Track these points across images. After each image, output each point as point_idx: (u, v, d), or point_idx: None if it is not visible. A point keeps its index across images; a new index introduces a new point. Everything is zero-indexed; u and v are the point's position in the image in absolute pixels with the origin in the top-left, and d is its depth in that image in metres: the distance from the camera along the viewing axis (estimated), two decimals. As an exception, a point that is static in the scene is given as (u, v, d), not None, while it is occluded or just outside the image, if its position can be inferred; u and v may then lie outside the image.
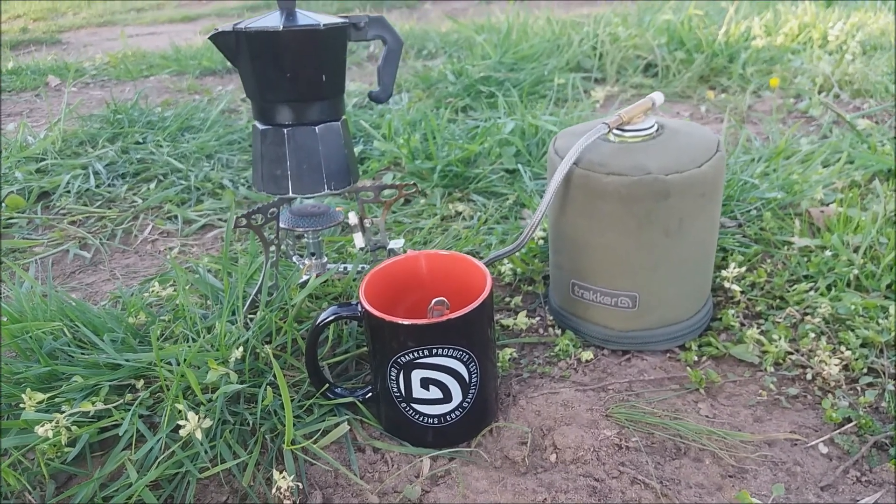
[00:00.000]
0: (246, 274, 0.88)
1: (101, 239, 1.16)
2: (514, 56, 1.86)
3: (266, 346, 0.76)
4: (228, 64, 2.64)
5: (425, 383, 0.67)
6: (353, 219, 0.88)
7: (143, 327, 0.84)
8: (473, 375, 0.68)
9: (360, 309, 0.68)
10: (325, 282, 0.89)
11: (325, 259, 0.93)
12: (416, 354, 0.65)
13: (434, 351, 0.65)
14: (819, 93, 1.61)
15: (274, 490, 0.64)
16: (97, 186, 1.30)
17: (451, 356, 0.65)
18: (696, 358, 0.81)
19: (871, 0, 2.66)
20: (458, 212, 1.18)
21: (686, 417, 0.72)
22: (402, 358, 0.65)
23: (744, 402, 0.75)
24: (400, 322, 0.64)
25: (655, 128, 0.80)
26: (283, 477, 0.64)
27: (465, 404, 0.69)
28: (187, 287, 0.88)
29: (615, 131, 0.79)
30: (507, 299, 0.94)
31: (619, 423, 0.72)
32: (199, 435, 0.65)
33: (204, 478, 0.67)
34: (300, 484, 0.65)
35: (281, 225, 0.88)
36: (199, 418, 0.66)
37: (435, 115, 1.48)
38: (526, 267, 0.96)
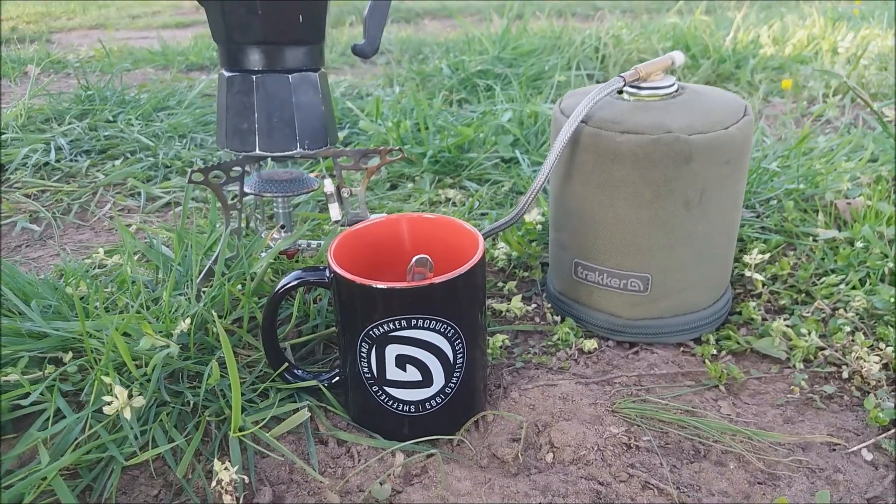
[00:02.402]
0: (204, 244, 0.77)
1: (54, 213, 1.05)
2: (513, 52, 1.77)
3: (219, 319, 0.66)
4: (215, 56, 2.56)
5: (401, 362, 0.56)
6: (329, 187, 0.78)
7: (84, 299, 0.73)
8: (459, 355, 0.57)
9: (328, 274, 0.57)
10: (294, 258, 0.78)
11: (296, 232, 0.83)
12: (391, 326, 0.54)
13: (413, 322, 0.54)
14: (834, 95, 1.53)
15: (214, 483, 0.53)
16: (57, 161, 1.20)
17: (433, 329, 0.55)
18: (714, 351, 0.71)
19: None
20: (448, 198, 1.08)
21: (705, 416, 0.62)
22: (375, 330, 0.55)
23: (771, 401, 0.65)
24: (373, 285, 0.53)
25: (675, 87, 0.70)
26: (226, 468, 0.53)
27: (447, 389, 0.58)
28: (135, 255, 0.77)
29: (630, 89, 0.70)
30: (500, 285, 0.84)
31: (628, 419, 0.62)
32: (127, 414, 0.54)
33: (132, 466, 0.56)
34: (246, 478, 0.54)
35: (247, 190, 0.77)
36: (130, 395, 0.55)
37: (429, 103, 1.38)
38: (522, 250, 0.85)
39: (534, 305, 0.80)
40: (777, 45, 2.06)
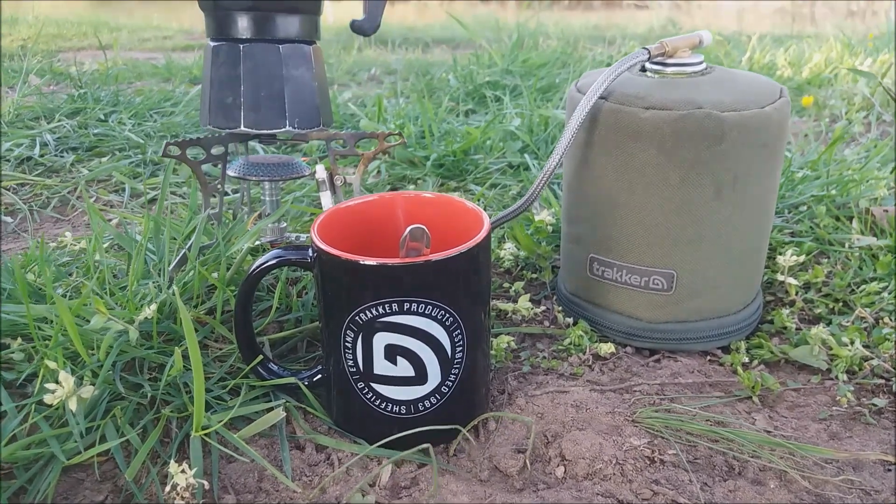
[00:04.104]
0: (182, 231, 0.70)
1: (31, 206, 0.99)
2: (523, 65, 1.72)
3: (184, 303, 0.58)
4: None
5: (392, 353, 0.48)
6: (320, 173, 0.71)
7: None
8: (458, 348, 0.50)
9: (311, 253, 0.50)
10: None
11: (286, 224, 0.76)
12: (380, 310, 0.47)
13: (406, 306, 0.47)
14: (857, 112, 1.46)
15: (168, 488, 0.45)
16: (41, 156, 1.14)
17: (428, 316, 0.47)
18: (745, 359, 0.63)
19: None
20: (452, 201, 1.01)
21: (739, 428, 0.54)
22: (361, 315, 0.47)
23: (812, 415, 0.57)
24: (361, 261, 0.46)
25: (704, 65, 0.63)
26: (183, 471, 0.45)
27: (444, 388, 0.50)
28: (106, 243, 0.70)
29: (654, 66, 0.63)
30: (507, 286, 0.76)
31: (651, 430, 0.54)
32: (72, 405, 0.47)
33: (76, 467, 0.48)
34: (206, 483, 0.46)
35: (231, 173, 0.71)
36: (78, 384, 0.48)
37: (434, 111, 1.32)
38: (532, 249, 0.78)
39: (543, 308, 0.72)
40: (794, 68, 2.00)
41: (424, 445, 0.50)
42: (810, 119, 1.50)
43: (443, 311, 0.48)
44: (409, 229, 0.45)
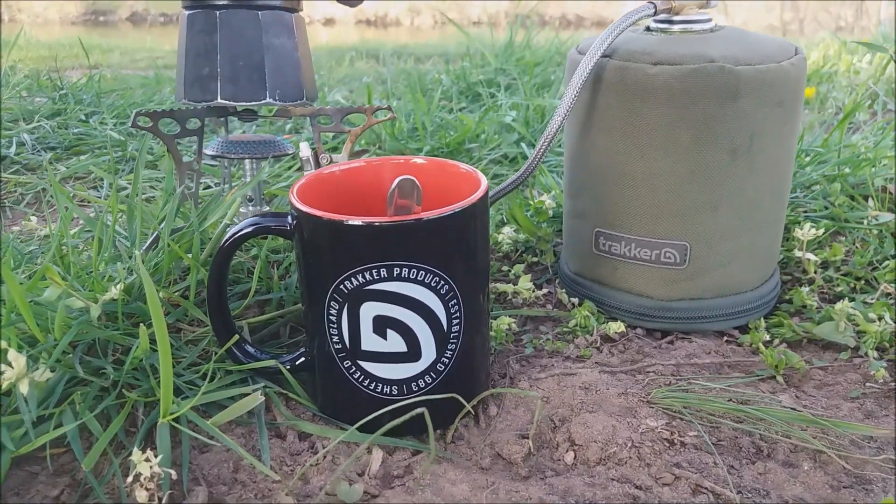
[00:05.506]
0: (157, 216, 0.65)
1: (5, 203, 0.94)
2: (517, 63, 1.68)
3: (163, 289, 0.53)
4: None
5: (381, 326, 0.44)
6: (304, 150, 0.66)
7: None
8: (455, 319, 0.45)
9: (290, 219, 0.45)
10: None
11: (268, 209, 0.71)
12: (367, 277, 0.42)
13: (396, 272, 0.42)
14: (861, 99, 1.43)
15: (130, 478, 0.40)
16: (18, 154, 1.09)
17: (421, 282, 0.43)
18: (766, 338, 0.58)
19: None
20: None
21: (766, 407, 0.49)
22: (346, 283, 0.43)
23: (843, 393, 0.52)
24: (345, 221, 0.41)
25: (713, 23, 0.59)
26: (146, 459, 0.40)
27: (440, 366, 0.45)
28: (72, 227, 0.65)
29: (659, 24, 0.59)
30: (506, 269, 0.72)
31: (669, 411, 0.49)
32: (23, 388, 0.42)
33: (29, 458, 0.43)
34: (174, 473, 0.41)
35: (208, 152, 0.66)
36: (33, 368, 0.43)
37: (427, 108, 1.28)
38: (532, 230, 0.73)
39: (545, 291, 0.67)
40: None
41: (419, 428, 0.45)
42: (813, 111, 1.47)
43: (437, 278, 0.43)
44: (397, 181, 0.40)
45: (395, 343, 0.44)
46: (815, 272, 0.68)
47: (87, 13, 6.80)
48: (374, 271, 0.42)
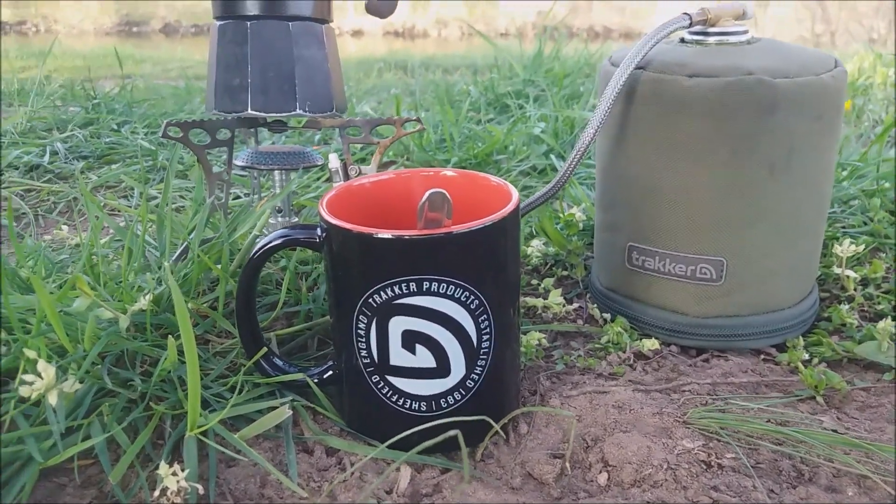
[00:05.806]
0: (187, 226, 0.65)
1: (38, 211, 0.95)
2: (546, 75, 1.67)
3: (192, 299, 0.53)
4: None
5: (410, 341, 0.43)
6: (333, 162, 0.66)
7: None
8: (485, 335, 0.44)
9: (319, 232, 0.45)
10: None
11: (297, 220, 0.71)
12: (396, 291, 0.41)
13: (426, 286, 0.41)
14: (899, 115, 1.40)
15: (157, 492, 0.39)
16: (51, 163, 1.10)
17: (451, 297, 0.42)
18: (805, 357, 0.57)
19: None
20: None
21: (807, 429, 0.48)
22: (375, 297, 0.42)
23: (887, 416, 0.50)
24: (374, 234, 0.41)
25: (749, 35, 0.58)
26: (174, 473, 0.40)
27: (469, 382, 0.45)
28: (104, 237, 0.66)
29: (694, 36, 0.58)
30: (535, 283, 0.71)
31: (706, 432, 0.47)
32: (52, 400, 0.42)
33: (57, 470, 0.43)
34: (200, 487, 0.41)
35: (238, 163, 0.66)
36: (63, 379, 0.43)
37: (455, 119, 1.27)
38: (562, 243, 0.72)
39: (576, 306, 0.66)
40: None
41: (448, 446, 0.44)
42: (849, 124, 1.44)
43: (467, 292, 0.42)
44: (427, 194, 0.39)
45: (424, 358, 0.43)
46: (855, 289, 0.66)
47: (121, 24, 6.93)
48: (403, 285, 0.41)
